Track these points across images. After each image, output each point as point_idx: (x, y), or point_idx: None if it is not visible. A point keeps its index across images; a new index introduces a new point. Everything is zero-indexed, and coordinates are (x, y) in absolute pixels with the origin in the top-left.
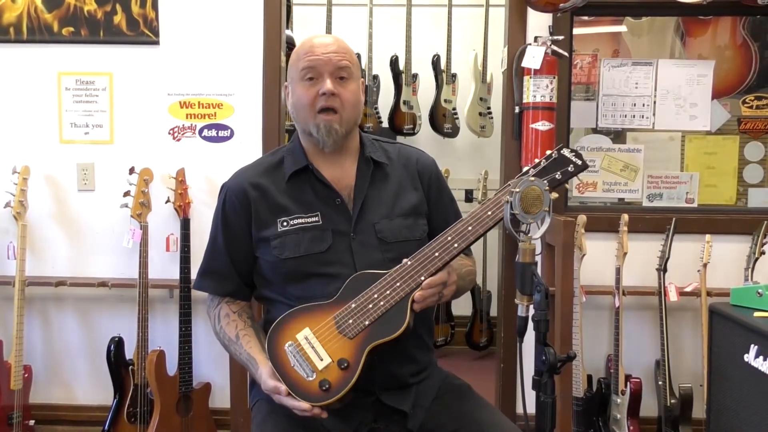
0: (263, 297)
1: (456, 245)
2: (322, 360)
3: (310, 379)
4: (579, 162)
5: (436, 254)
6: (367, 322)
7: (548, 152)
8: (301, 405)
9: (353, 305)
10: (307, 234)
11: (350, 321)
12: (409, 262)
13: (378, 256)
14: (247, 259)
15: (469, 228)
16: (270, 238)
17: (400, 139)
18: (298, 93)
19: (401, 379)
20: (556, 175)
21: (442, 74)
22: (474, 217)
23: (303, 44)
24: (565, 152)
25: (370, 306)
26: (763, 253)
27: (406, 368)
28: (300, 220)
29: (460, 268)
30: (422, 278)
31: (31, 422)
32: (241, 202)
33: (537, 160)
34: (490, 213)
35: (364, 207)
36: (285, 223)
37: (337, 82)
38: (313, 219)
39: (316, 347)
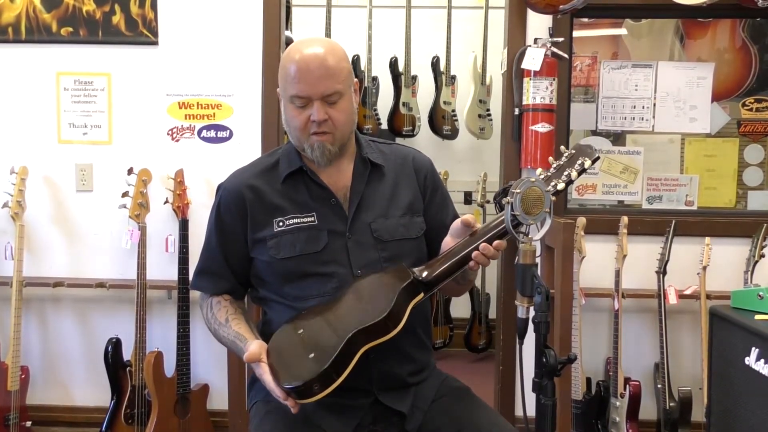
0: (260, 297)
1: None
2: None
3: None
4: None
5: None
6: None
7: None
8: (276, 391)
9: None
10: (303, 234)
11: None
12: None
13: (374, 255)
14: (241, 259)
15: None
16: (266, 239)
17: (399, 140)
18: (288, 114)
19: (400, 379)
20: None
21: (442, 76)
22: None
23: (291, 60)
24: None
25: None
26: (762, 255)
27: (404, 367)
28: (296, 220)
29: None
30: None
31: (28, 423)
32: (236, 204)
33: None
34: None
35: (360, 207)
36: (281, 224)
37: (327, 106)
38: (309, 219)
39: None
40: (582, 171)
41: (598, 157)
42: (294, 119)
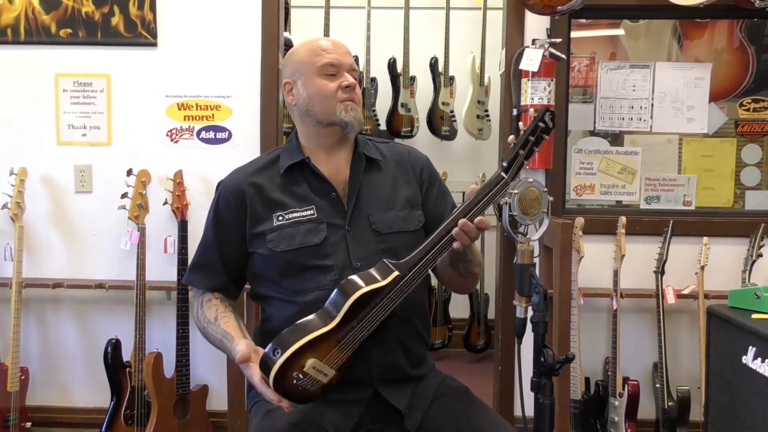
0: (259, 295)
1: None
2: (326, 375)
3: (314, 389)
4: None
5: (428, 256)
6: (366, 334)
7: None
8: (269, 395)
9: (355, 324)
10: (302, 227)
11: (350, 336)
12: (402, 276)
13: (373, 247)
14: (237, 255)
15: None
16: (266, 233)
17: (397, 141)
18: (318, 85)
19: (399, 370)
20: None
21: (440, 77)
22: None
23: (315, 43)
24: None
25: (369, 320)
26: (760, 255)
27: (402, 358)
28: (295, 214)
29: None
30: (414, 286)
31: (28, 424)
32: (236, 199)
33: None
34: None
35: (359, 200)
36: (281, 218)
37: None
38: (308, 212)
39: (323, 369)
40: (536, 128)
41: (547, 111)
42: (326, 87)
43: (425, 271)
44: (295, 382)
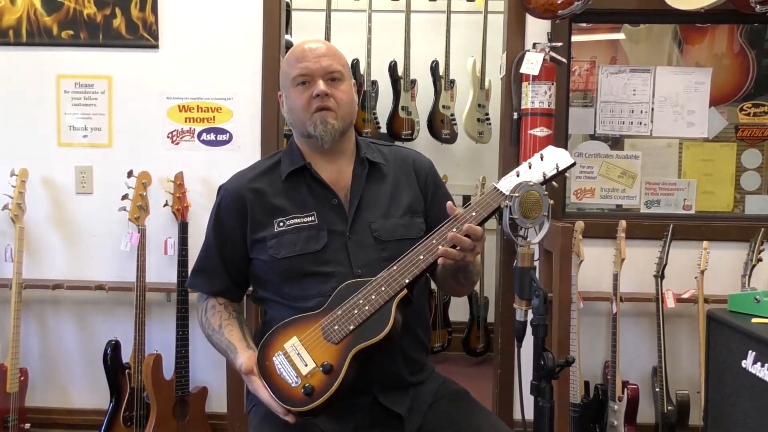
0: (260, 298)
1: (440, 247)
2: (306, 365)
3: (295, 385)
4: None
5: (421, 257)
6: (351, 327)
7: (537, 154)
8: (275, 407)
9: (339, 312)
10: (303, 233)
11: (335, 327)
12: (395, 267)
13: (374, 254)
14: (238, 260)
15: (454, 230)
16: (266, 239)
17: (398, 144)
18: (292, 98)
19: (399, 378)
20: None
21: (441, 80)
22: (458, 218)
23: (292, 52)
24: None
25: (356, 311)
26: (760, 259)
27: (402, 366)
28: (296, 220)
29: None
30: (406, 280)
31: (27, 425)
32: (236, 205)
33: (525, 162)
34: (474, 213)
35: (360, 207)
36: (281, 224)
37: (329, 84)
38: (309, 219)
39: (302, 354)
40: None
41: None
42: (297, 99)
43: (415, 270)
44: (276, 362)
